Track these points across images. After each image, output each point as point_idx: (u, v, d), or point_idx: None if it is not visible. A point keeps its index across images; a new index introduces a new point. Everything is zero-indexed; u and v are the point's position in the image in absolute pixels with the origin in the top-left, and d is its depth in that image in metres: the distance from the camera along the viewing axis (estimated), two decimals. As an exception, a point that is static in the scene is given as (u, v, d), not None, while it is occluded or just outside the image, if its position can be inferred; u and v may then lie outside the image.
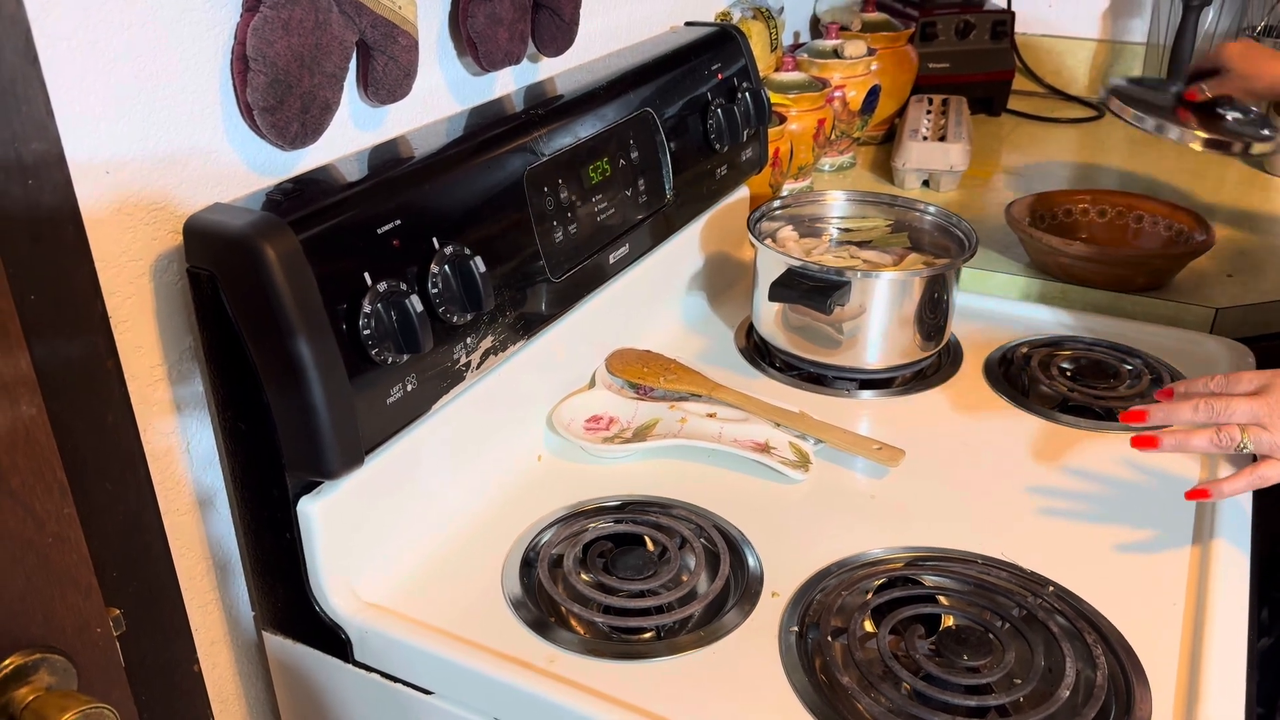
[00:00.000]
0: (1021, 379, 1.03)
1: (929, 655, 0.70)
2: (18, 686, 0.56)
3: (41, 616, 0.57)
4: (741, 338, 1.12)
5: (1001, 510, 0.85)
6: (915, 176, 1.44)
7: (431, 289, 0.73)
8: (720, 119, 1.08)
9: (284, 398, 0.66)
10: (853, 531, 0.82)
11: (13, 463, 0.54)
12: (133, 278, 0.67)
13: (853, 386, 1.02)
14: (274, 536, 0.73)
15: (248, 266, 0.63)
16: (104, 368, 0.65)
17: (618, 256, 0.97)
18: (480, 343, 0.80)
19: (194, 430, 0.74)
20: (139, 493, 0.69)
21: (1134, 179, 1.51)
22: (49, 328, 0.61)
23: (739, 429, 0.93)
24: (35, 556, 0.56)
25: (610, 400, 0.99)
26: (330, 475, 0.69)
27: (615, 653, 0.71)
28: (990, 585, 0.76)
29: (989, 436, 0.95)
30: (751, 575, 0.78)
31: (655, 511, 0.84)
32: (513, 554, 0.80)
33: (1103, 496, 0.86)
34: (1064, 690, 0.67)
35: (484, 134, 0.83)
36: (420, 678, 0.73)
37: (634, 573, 0.78)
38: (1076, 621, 0.72)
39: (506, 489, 0.87)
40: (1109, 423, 0.96)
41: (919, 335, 1.01)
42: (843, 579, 0.77)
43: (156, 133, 0.66)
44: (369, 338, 0.68)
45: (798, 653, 0.71)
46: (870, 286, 0.96)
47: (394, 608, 0.75)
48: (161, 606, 0.73)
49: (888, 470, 0.89)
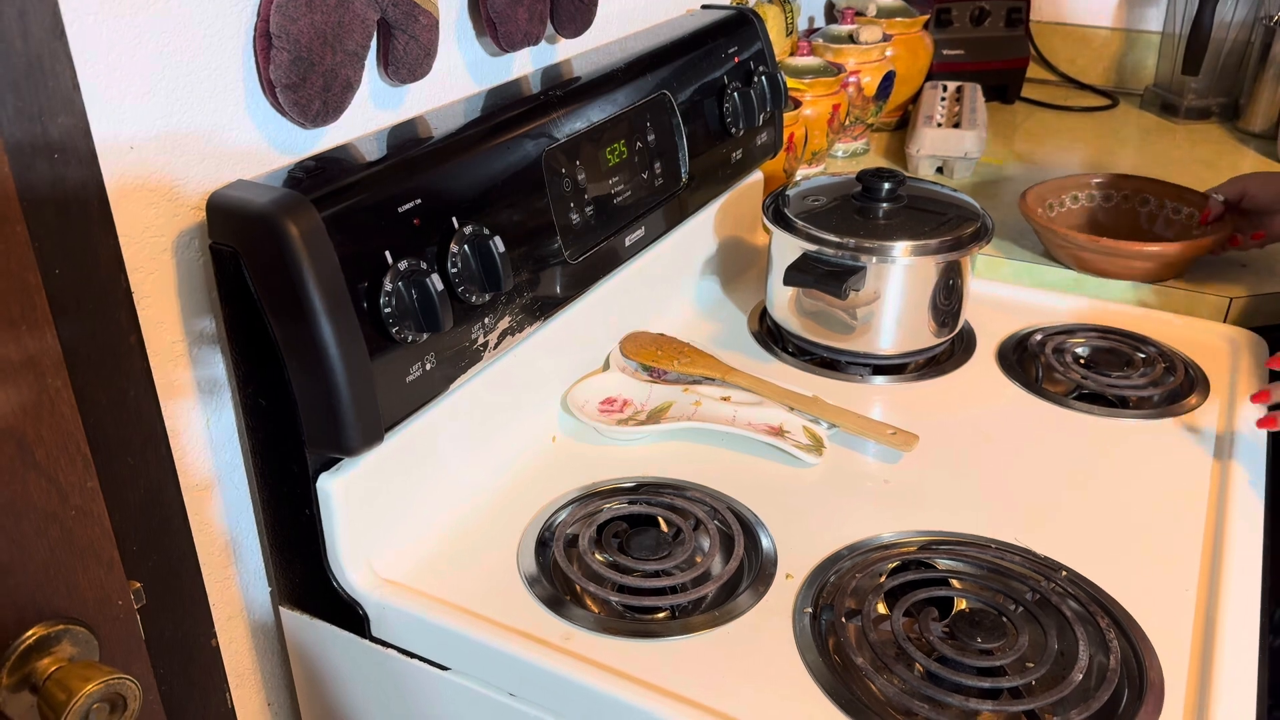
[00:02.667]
0: (1035, 366, 1.03)
1: (943, 637, 0.70)
2: (41, 657, 0.57)
3: (64, 588, 0.58)
4: (755, 322, 1.12)
5: (1014, 496, 0.85)
6: (929, 163, 1.44)
7: (451, 269, 0.73)
8: (736, 102, 1.08)
9: (305, 374, 0.67)
10: (866, 515, 0.83)
11: (38, 435, 0.54)
12: (155, 254, 0.67)
13: (866, 372, 1.02)
14: (293, 513, 0.73)
15: (271, 243, 0.63)
16: (126, 343, 0.65)
17: (633, 239, 0.97)
18: (498, 323, 0.80)
19: (214, 407, 0.74)
20: (159, 468, 0.70)
21: (1148, 168, 1.51)
22: (74, 302, 0.61)
23: (753, 412, 0.94)
24: (59, 529, 0.56)
25: (624, 383, 0.99)
26: (350, 452, 0.69)
27: (630, 631, 0.71)
28: (1004, 569, 0.76)
29: (1002, 423, 0.95)
30: (765, 557, 0.78)
31: (669, 493, 0.85)
32: (528, 533, 0.81)
33: (1116, 483, 0.87)
34: (1077, 674, 0.67)
35: (503, 115, 0.83)
36: (437, 653, 0.73)
37: (649, 553, 0.78)
38: (1089, 606, 0.73)
39: (522, 469, 0.88)
40: (1122, 410, 0.96)
41: (933, 321, 1.01)
42: (856, 561, 0.77)
43: (179, 109, 0.66)
44: (390, 316, 0.69)
45: (812, 633, 0.71)
46: (885, 271, 0.97)
47: (411, 584, 0.75)
48: (180, 581, 0.74)
49: (901, 455, 0.90)
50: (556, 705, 0.69)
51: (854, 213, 1.01)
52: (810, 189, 1.06)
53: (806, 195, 1.05)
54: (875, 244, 0.96)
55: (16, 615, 0.55)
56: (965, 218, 1.01)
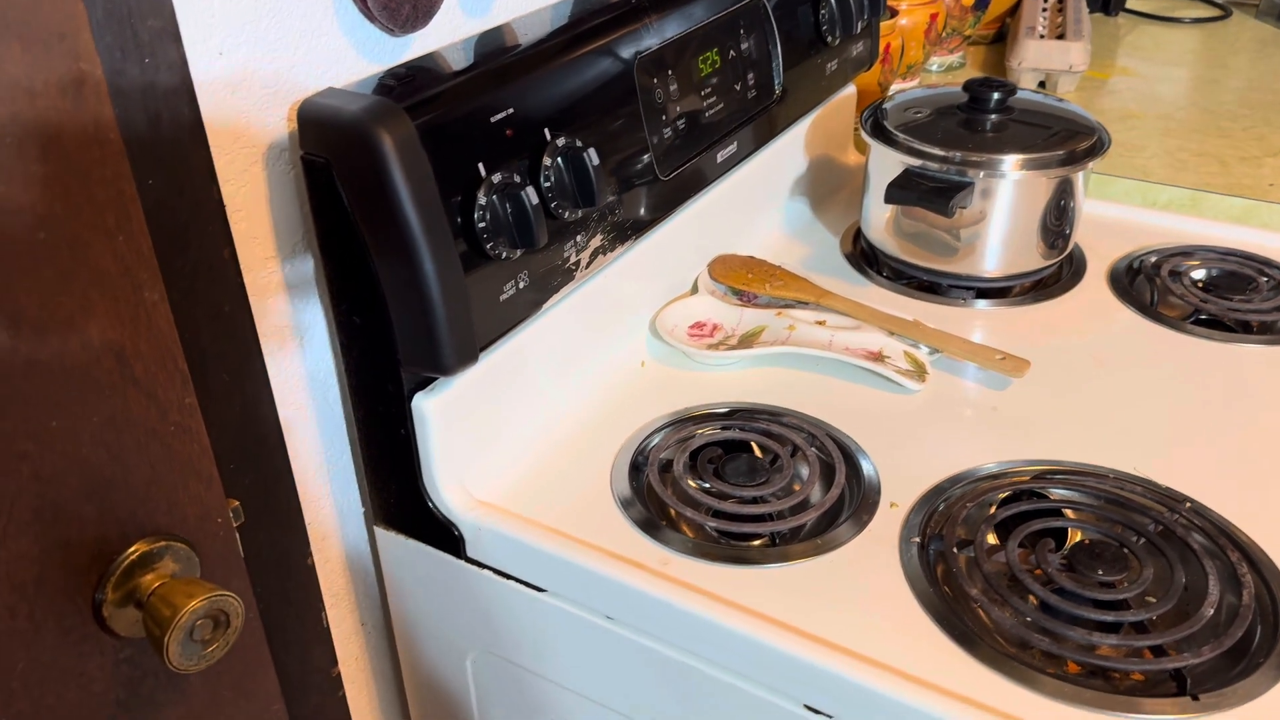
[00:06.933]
0: (1150, 289, 0.97)
1: (1061, 569, 0.67)
2: (144, 573, 0.57)
3: (165, 505, 0.57)
4: (848, 244, 1.07)
5: (1132, 424, 0.80)
6: (1032, 77, 1.36)
7: (544, 182, 0.70)
8: (833, 8, 1.03)
9: (400, 290, 0.65)
10: (973, 444, 0.79)
11: (136, 349, 0.53)
12: (246, 165, 0.65)
13: (969, 295, 0.98)
14: (388, 433, 0.72)
15: (364, 152, 0.61)
16: (221, 256, 0.64)
17: (725, 155, 0.93)
18: (590, 241, 0.77)
19: (308, 324, 0.73)
20: (255, 384, 0.69)
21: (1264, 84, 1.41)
22: (167, 213, 0.60)
23: (850, 337, 0.90)
24: (159, 445, 0.56)
25: (714, 306, 0.96)
26: (446, 371, 0.67)
27: (728, 557, 0.69)
28: (1123, 500, 0.72)
29: (1115, 348, 0.90)
30: (868, 485, 0.75)
31: (765, 419, 0.82)
32: (620, 457, 0.79)
33: (1239, 412, 0.81)
34: (1207, 609, 0.63)
35: (595, 19, 0.79)
36: (533, 575, 0.72)
37: (745, 479, 0.76)
38: (1217, 539, 0.69)
39: (612, 394, 0.85)
40: (1244, 335, 0.91)
41: (1042, 242, 0.95)
42: (965, 491, 0.74)
43: (268, 14, 0.64)
44: (484, 230, 0.66)
45: (920, 563, 0.68)
46: (994, 187, 0.91)
47: (505, 506, 0.74)
48: (277, 499, 0.73)
49: (1009, 382, 0.86)
50: (656, 629, 0.68)
51: (959, 125, 0.95)
52: (911, 100, 1.01)
53: (907, 107, 0.99)
54: (984, 157, 0.91)
55: (119, 531, 0.55)
56: (1078, 131, 0.94)
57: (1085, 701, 0.59)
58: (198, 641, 0.56)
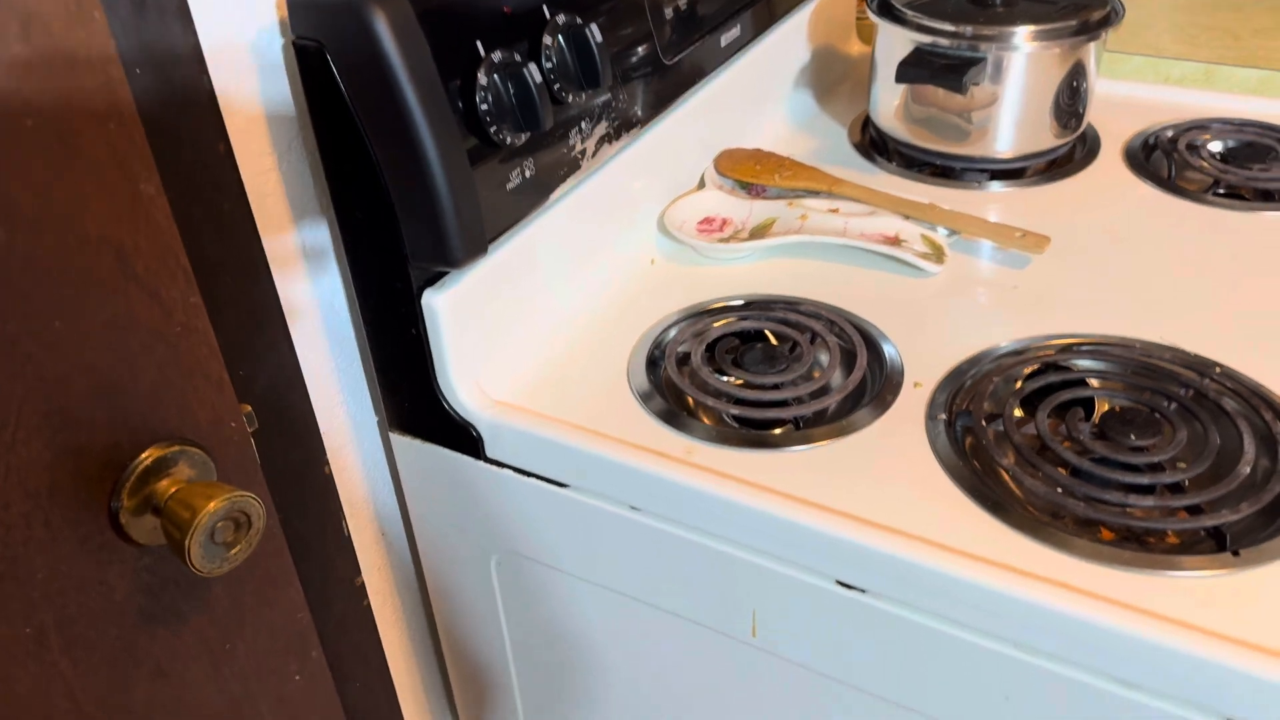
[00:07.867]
0: (1167, 163, 0.95)
1: (1093, 436, 0.66)
2: (159, 479, 0.55)
3: (176, 409, 0.55)
4: (856, 133, 1.04)
5: (1156, 296, 0.79)
6: (1035, -41, 1.31)
7: (546, 63, 0.68)
8: (833, -114, 0.98)
9: (403, 181, 0.62)
10: (996, 322, 0.77)
11: (135, 245, 0.51)
12: (235, 53, 0.62)
13: (983, 178, 0.95)
14: (398, 333, 0.70)
15: (360, 33, 0.58)
16: (216, 151, 0.61)
17: (729, 38, 0.90)
18: (594, 129, 0.75)
19: (308, 223, 0.71)
20: (260, 285, 0.67)
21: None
22: (158, 104, 0.57)
23: (865, 223, 0.88)
24: (165, 346, 0.54)
25: (722, 200, 0.93)
26: (455, 263, 0.65)
27: (752, 442, 0.68)
28: (1152, 368, 0.71)
29: (1135, 223, 0.88)
30: (891, 367, 0.74)
31: (782, 308, 0.80)
32: (637, 352, 0.77)
33: (1264, 278, 0.80)
34: (1244, 467, 0.62)
35: (589, -105, 0.75)
36: (555, 471, 0.71)
37: (765, 367, 0.74)
38: (1251, 400, 0.67)
39: (623, 291, 0.83)
40: (1266, 203, 0.89)
41: (1055, 120, 0.93)
42: (991, 367, 0.73)
43: (246, -109, 0.61)
44: (487, 114, 0.64)
45: (948, 438, 0.67)
46: (1007, 62, 0.88)
47: (522, 404, 0.72)
48: (290, 407, 0.72)
49: (1029, 260, 0.84)
50: (683, 516, 0.67)
51: (969, 1, 0.92)
52: (917, -21, 0.97)
53: (913, -14, 0.95)
54: (996, 30, 0.87)
55: (131, 436, 0.54)
56: (1090, 3, 0.91)
57: (1124, 562, 0.58)
58: (220, 544, 0.55)
